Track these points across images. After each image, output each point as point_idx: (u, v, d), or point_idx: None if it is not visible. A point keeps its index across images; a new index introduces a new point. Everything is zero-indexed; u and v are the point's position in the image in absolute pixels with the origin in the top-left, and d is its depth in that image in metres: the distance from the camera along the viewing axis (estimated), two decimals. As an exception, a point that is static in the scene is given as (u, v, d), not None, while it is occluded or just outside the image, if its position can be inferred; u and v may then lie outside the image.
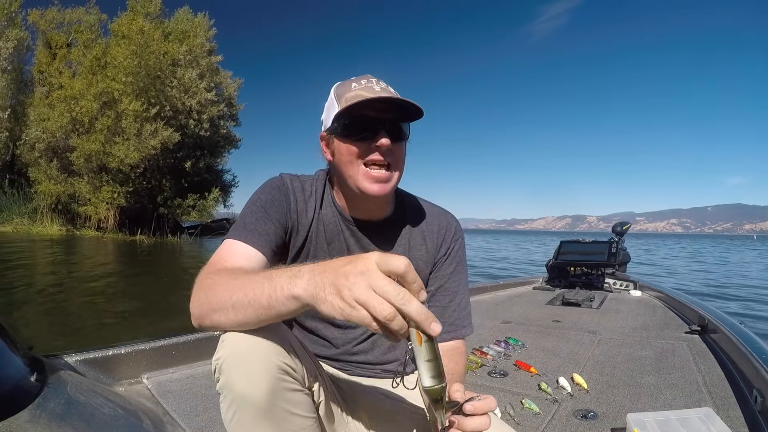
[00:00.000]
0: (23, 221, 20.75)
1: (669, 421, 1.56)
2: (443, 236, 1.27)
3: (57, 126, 19.60)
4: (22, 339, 4.16)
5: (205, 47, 23.01)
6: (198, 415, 1.77)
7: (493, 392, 2.15)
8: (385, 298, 0.67)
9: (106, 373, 1.92)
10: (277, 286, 0.78)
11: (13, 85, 21.74)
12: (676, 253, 36.47)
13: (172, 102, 21.04)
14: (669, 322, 3.69)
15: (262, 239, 1.07)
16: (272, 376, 0.86)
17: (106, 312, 5.92)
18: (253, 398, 0.85)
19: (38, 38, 23.19)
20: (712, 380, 2.30)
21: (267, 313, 0.81)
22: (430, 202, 1.34)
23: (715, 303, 8.23)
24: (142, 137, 19.50)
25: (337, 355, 1.24)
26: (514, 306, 4.38)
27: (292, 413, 0.90)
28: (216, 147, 24.65)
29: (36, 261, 11.37)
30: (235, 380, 0.86)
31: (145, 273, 10.33)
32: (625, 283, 5.35)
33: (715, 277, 15.24)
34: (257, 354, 0.86)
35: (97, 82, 19.49)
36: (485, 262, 19.38)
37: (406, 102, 1.07)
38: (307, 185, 1.22)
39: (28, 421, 1.22)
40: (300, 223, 1.19)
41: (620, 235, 5.97)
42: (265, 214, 1.12)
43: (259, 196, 1.16)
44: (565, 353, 2.80)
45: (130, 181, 20.47)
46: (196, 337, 2.25)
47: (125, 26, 20.04)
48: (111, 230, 20.89)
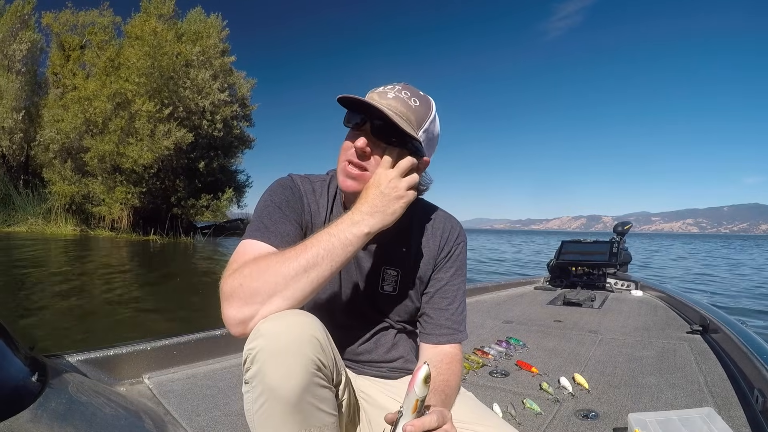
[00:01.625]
0: (38, 221, 20.87)
1: (670, 421, 1.54)
2: (446, 239, 1.26)
3: (71, 127, 19.73)
4: (32, 338, 4.18)
5: (218, 48, 22.95)
6: (199, 415, 1.75)
7: (494, 392, 2.14)
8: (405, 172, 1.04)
9: (107, 373, 1.90)
10: (342, 235, 0.97)
11: (28, 87, 21.87)
12: (685, 253, 34.91)
13: (185, 103, 21.04)
14: (670, 322, 3.65)
15: (281, 239, 1.06)
16: (307, 371, 0.86)
17: (117, 311, 5.94)
18: (285, 392, 0.85)
19: (52, 40, 23.40)
20: (713, 380, 2.27)
21: (341, 260, 0.96)
22: (436, 205, 1.33)
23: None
24: (155, 138, 19.55)
25: (347, 355, 1.23)
26: (515, 306, 4.34)
27: (318, 409, 0.89)
28: (230, 147, 24.56)
29: (49, 260, 11.43)
30: (269, 372, 0.85)
31: (156, 272, 10.35)
32: (626, 283, 5.30)
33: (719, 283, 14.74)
34: (295, 348, 0.85)
35: (110, 83, 19.56)
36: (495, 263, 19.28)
37: (387, 119, 1.03)
38: (317, 186, 1.21)
39: (30, 421, 1.20)
40: (314, 224, 1.17)
41: (621, 235, 5.92)
42: (282, 214, 1.10)
43: (272, 196, 1.14)
44: (566, 353, 2.77)
45: (144, 182, 20.54)
46: (198, 337, 2.23)
47: (138, 28, 20.07)
48: (125, 230, 20.95)
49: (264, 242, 1.04)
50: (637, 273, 7.59)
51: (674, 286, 7.98)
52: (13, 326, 4.62)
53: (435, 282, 1.24)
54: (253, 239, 1.05)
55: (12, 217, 20.75)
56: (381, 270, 1.21)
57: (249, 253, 1.01)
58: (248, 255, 1.00)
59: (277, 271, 0.90)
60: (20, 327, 4.75)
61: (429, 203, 1.32)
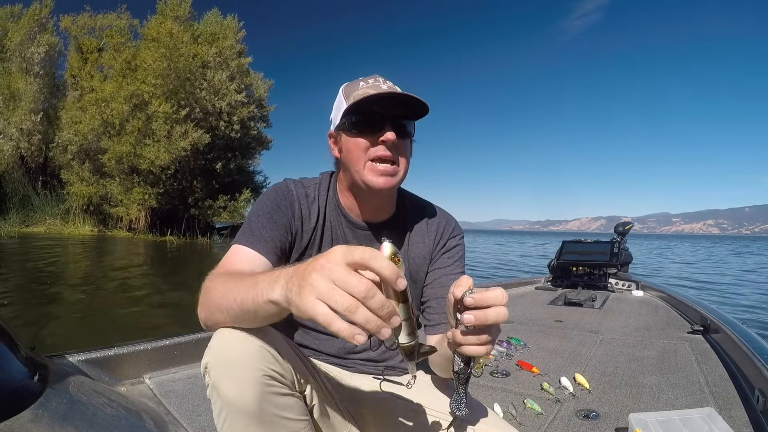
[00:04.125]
0: (56, 222, 20.97)
1: (671, 421, 1.53)
2: (441, 233, 1.25)
3: (88, 128, 19.72)
4: (42, 337, 4.17)
5: (235, 49, 22.70)
6: (200, 415, 1.72)
7: (495, 392, 2.11)
8: (346, 289, 0.63)
9: (108, 373, 1.88)
10: (259, 291, 0.76)
11: (46, 89, 21.95)
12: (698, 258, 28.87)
13: (202, 104, 20.86)
14: (671, 322, 3.59)
15: (267, 245, 1.07)
16: (259, 382, 0.85)
17: (131, 310, 5.95)
18: (242, 405, 0.84)
19: (70, 43, 23.44)
20: (714, 380, 2.23)
21: (254, 317, 0.81)
22: (429, 201, 1.32)
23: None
24: (172, 139, 19.41)
25: (340, 354, 1.20)
26: (516, 306, 4.29)
27: (282, 417, 0.89)
28: (247, 148, 24.20)
29: (67, 260, 11.49)
30: (222, 387, 0.85)
31: (172, 272, 10.35)
32: (627, 283, 5.24)
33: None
34: (244, 362, 0.85)
35: (127, 84, 19.50)
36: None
37: (412, 98, 1.07)
38: (310, 190, 1.21)
39: (30, 421, 1.19)
40: (304, 229, 1.17)
41: (622, 235, 5.85)
42: (270, 220, 1.11)
43: (264, 202, 1.15)
44: (567, 353, 2.73)
45: (161, 183, 20.42)
46: (198, 337, 2.20)
47: (154, 29, 19.99)
48: (142, 231, 20.88)
49: (249, 248, 1.05)
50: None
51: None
52: (32, 326, 4.67)
53: (433, 273, 1.23)
54: (240, 245, 1.06)
55: (30, 217, 20.85)
56: None
57: (234, 258, 1.04)
58: (232, 260, 1.04)
59: (216, 298, 0.88)
60: (37, 326, 4.76)
61: (423, 200, 1.31)
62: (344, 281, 0.63)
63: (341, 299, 0.62)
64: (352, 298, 0.62)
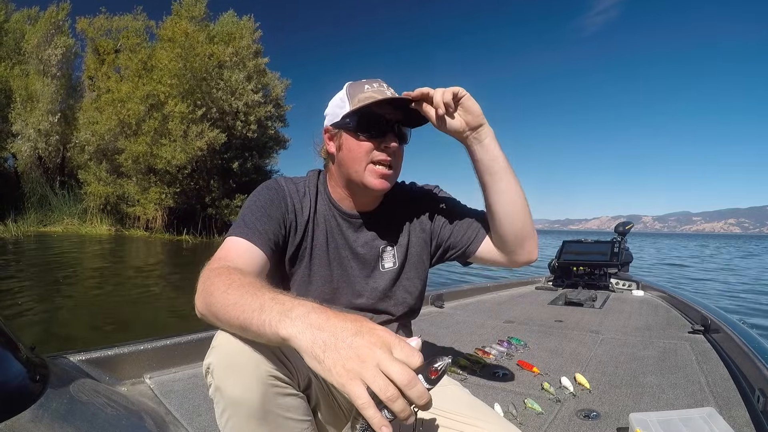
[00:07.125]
0: (73, 221, 20.95)
1: (671, 420, 1.49)
2: (426, 201, 1.33)
3: (105, 129, 19.68)
4: (53, 336, 4.15)
5: (251, 49, 22.41)
6: (201, 415, 1.69)
7: (495, 392, 2.07)
8: (389, 376, 0.61)
9: (108, 372, 1.85)
10: (266, 320, 0.72)
11: (63, 90, 21.89)
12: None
13: (218, 104, 20.69)
14: (672, 321, 3.53)
15: (262, 237, 1.07)
16: (264, 383, 0.84)
17: (147, 309, 5.95)
18: (246, 405, 0.84)
19: (87, 45, 23.43)
20: (714, 380, 2.18)
21: (254, 338, 0.79)
22: (411, 182, 1.39)
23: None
24: (188, 138, 19.29)
25: None
26: (516, 306, 4.23)
27: (286, 417, 0.88)
28: (264, 148, 23.87)
29: (84, 259, 11.54)
30: (226, 387, 0.84)
31: (187, 271, 10.35)
32: (627, 283, 5.16)
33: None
34: (248, 362, 0.83)
35: (143, 84, 19.46)
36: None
37: (415, 109, 1.13)
38: (300, 186, 1.23)
39: (31, 421, 1.16)
40: (297, 222, 1.19)
41: (623, 235, 5.78)
42: (264, 213, 1.12)
43: (257, 197, 1.16)
44: (567, 353, 2.67)
45: (178, 182, 20.32)
46: (199, 336, 2.16)
47: (169, 30, 19.91)
48: (158, 230, 20.80)
49: (244, 239, 1.05)
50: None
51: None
52: (46, 323, 4.68)
53: (438, 227, 1.31)
54: (235, 236, 1.06)
55: (48, 217, 20.86)
56: (378, 251, 1.25)
57: (230, 250, 1.04)
58: (229, 252, 1.03)
59: (217, 304, 0.85)
60: (48, 324, 4.77)
61: (405, 183, 1.37)
62: (388, 368, 0.61)
63: (385, 387, 0.60)
64: (395, 387, 0.60)
